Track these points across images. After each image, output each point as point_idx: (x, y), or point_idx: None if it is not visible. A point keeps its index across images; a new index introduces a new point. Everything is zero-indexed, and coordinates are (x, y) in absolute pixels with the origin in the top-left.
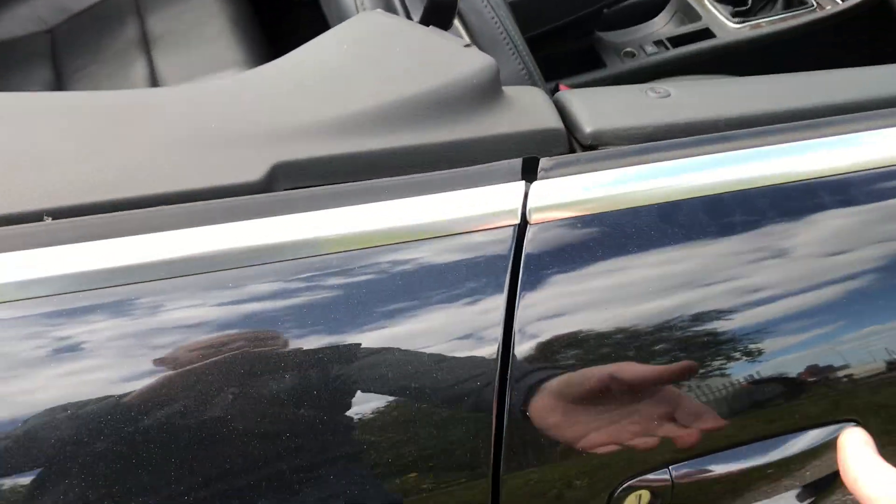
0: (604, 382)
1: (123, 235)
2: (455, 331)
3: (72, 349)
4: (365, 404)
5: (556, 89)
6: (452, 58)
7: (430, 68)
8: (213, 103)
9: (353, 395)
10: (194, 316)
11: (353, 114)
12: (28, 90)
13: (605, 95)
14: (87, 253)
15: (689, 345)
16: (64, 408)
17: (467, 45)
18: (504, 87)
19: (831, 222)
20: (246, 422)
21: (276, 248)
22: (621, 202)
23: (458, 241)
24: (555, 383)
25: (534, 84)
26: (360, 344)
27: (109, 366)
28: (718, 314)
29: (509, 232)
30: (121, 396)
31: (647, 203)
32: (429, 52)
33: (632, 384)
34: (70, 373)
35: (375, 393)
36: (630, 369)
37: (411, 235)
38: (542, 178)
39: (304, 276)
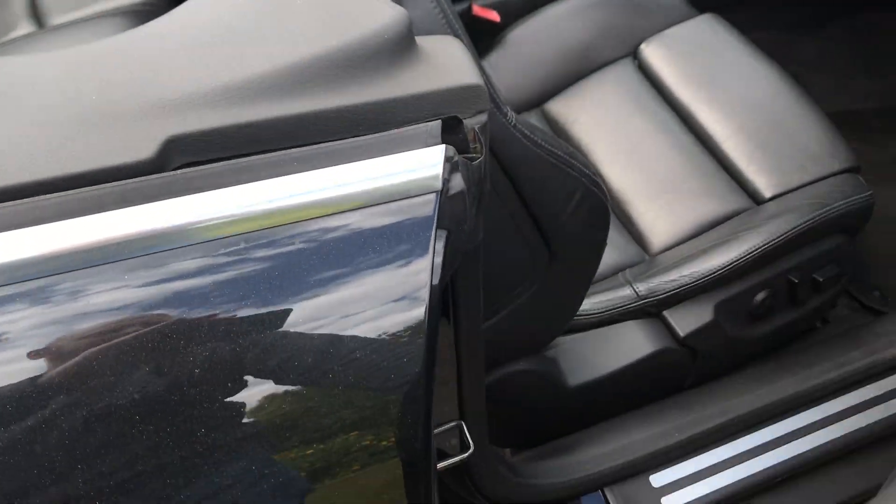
0: None
1: None
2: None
3: None
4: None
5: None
6: (360, 10)
7: (336, 24)
8: (91, 71)
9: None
10: (90, 308)
11: (253, 78)
12: None
13: None
14: None
15: None
16: None
17: None
18: (417, 39)
19: None
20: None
21: (176, 233)
22: None
23: (379, 212)
24: None
25: (450, 26)
26: (282, 312)
27: None
28: None
29: (433, 199)
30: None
31: None
32: (333, 5)
33: None
34: None
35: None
36: None
37: (327, 209)
38: None
39: (208, 261)
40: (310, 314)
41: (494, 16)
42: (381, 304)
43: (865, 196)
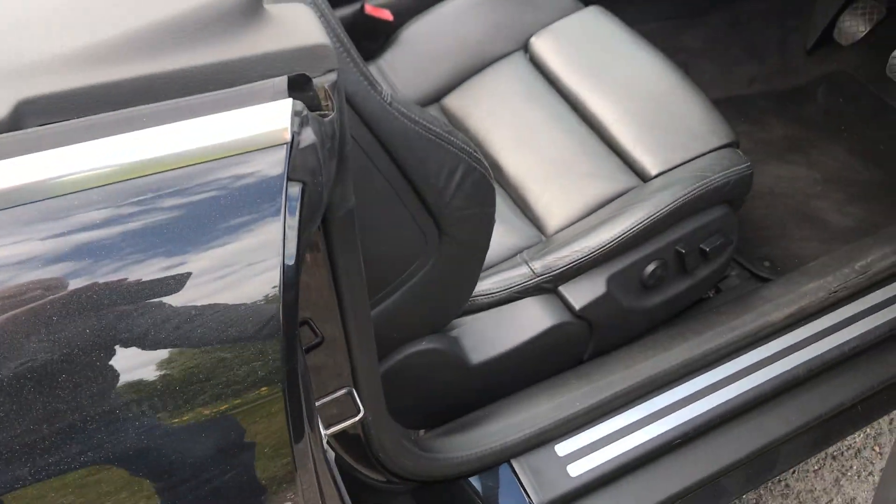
0: None
1: None
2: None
3: None
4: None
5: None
6: None
7: None
8: None
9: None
10: None
11: (104, 42)
12: None
13: None
14: None
15: None
16: None
17: None
18: (267, 6)
19: None
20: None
21: (28, 189)
22: None
23: (230, 164)
24: None
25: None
26: (136, 282)
27: None
28: None
29: (282, 151)
30: None
31: None
32: None
33: None
34: None
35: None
36: None
37: (181, 161)
38: None
39: (64, 217)
40: (170, 274)
41: (387, 15)
42: (236, 256)
43: (743, 167)
